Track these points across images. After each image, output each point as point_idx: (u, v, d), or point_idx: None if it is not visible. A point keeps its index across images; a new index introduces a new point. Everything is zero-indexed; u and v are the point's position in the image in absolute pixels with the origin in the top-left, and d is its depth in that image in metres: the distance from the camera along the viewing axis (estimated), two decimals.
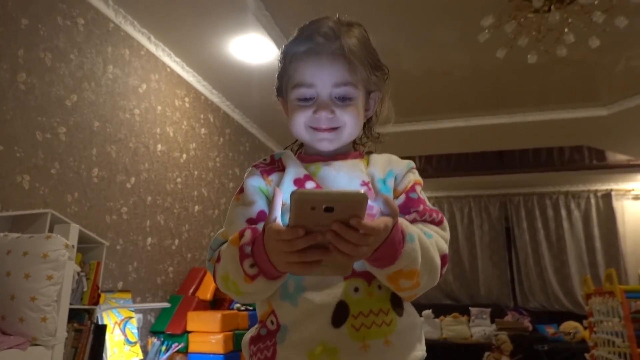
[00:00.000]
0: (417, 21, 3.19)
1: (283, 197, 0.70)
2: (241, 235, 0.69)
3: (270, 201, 0.77)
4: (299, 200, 0.56)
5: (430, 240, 0.71)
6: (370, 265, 0.68)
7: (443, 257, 0.73)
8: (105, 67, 2.89)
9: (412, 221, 0.75)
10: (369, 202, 0.66)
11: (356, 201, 0.56)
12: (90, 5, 2.78)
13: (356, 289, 0.71)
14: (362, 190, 0.74)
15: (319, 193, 0.59)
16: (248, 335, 0.79)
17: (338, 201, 0.56)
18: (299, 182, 0.78)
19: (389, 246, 0.63)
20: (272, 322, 0.75)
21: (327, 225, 0.57)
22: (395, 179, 0.81)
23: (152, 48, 3.33)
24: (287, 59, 0.82)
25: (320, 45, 0.77)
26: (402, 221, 0.68)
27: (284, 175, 0.80)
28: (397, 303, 0.74)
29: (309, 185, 0.78)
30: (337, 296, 0.70)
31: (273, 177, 0.81)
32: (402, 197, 0.79)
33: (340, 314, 0.70)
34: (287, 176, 0.79)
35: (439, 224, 0.77)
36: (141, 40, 3.22)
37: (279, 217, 0.63)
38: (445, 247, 0.74)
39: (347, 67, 0.78)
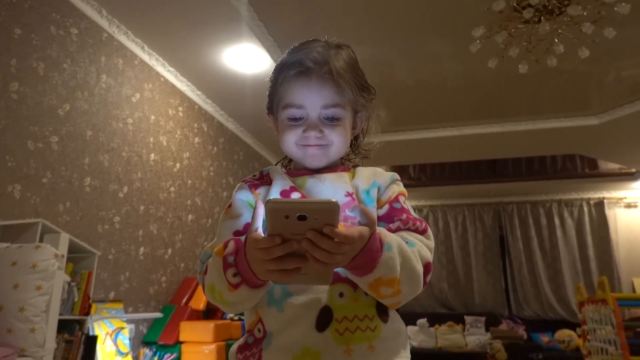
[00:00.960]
0: (410, 33, 3.22)
1: None
2: (225, 246, 0.71)
3: None
4: (272, 209, 0.58)
5: (412, 248, 0.72)
6: (350, 274, 0.70)
7: (426, 265, 0.74)
8: (99, 77, 2.90)
9: (396, 230, 0.77)
10: (350, 212, 0.67)
11: (328, 209, 0.58)
12: (83, 14, 2.79)
13: (341, 294, 0.73)
14: (339, 199, 0.76)
15: (291, 202, 0.61)
16: (236, 345, 0.81)
17: (310, 209, 0.58)
18: (284, 193, 0.81)
19: (367, 255, 0.65)
20: (259, 330, 0.76)
21: (304, 234, 0.59)
22: (379, 189, 0.83)
23: (145, 57, 3.34)
24: (278, 80, 0.85)
25: (309, 69, 0.81)
26: (382, 230, 0.70)
27: (270, 187, 0.83)
28: (382, 310, 0.75)
29: (294, 196, 0.80)
30: (322, 301, 0.72)
31: (260, 190, 0.83)
32: (386, 207, 0.81)
33: (324, 318, 0.71)
34: (273, 188, 0.82)
35: (422, 232, 0.78)
36: (135, 49, 3.23)
37: (260, 227, 0.65)
38: (428, 256, 0.75)
39: (336, 90, 0.81)
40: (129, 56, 3.18)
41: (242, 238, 0.70)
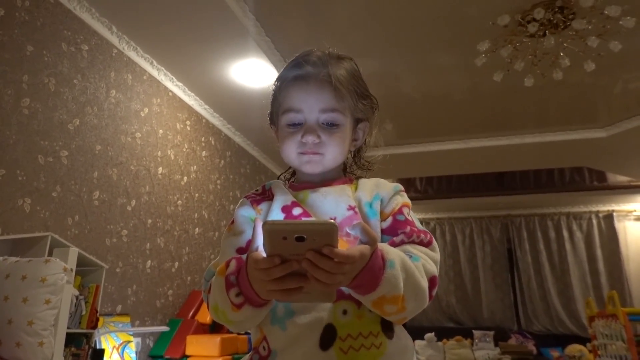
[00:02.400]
0: (416, 46, 3.24)
1: None
2: (227, 265, 0.71)
3: None
4: (269, 230, 0.57)
5: (417, 263, 0.71)
6: (353, 292, 0.69)
7: (432, 279, 0.73)
8: (108, 92, 2.94)
9: (400, 243, 0.76)
10: (350, 231, 0.67)
11: (325, 230, 0.57)
12: (94, 31, 2.85)
13: (345, 312, 0.72)
14: (341, 213, 0.76)
15: (288, 223, 0.60)
16: None
17: (308, 231, 0.57)
18: (286, 209, 0.80)
19: (369, 273, 0.64)
20: (264, 348, 0.76)
21: (304, 254, 0.58)
22: (382, 201, 0.81)
23: (154, 73, 3.38)
24: (278, 87, 0.86)
25: (308, 73, 0.81)
26: (384, 247, 0.68)
27: (272, 203, 0.82)
28: (387, 326, 0.74)
29: (296, 211, 0.79)
30: (325, 319, 0.71)
31: (262, 206, 0.83)
32: (390, 220, 0.79)
33: (327, 337, 0.70)
34: (275, 204, 0.81)
35: (427, 244, 0.77)
36: (144, 65, 3.28)
37: (261, 245, 0.64)
38: (433, 269, 0.74)
39: (334, 94, 0.80)
40: (138, 71, 3.23)
41: (244, 257, 0.70)
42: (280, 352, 0.73)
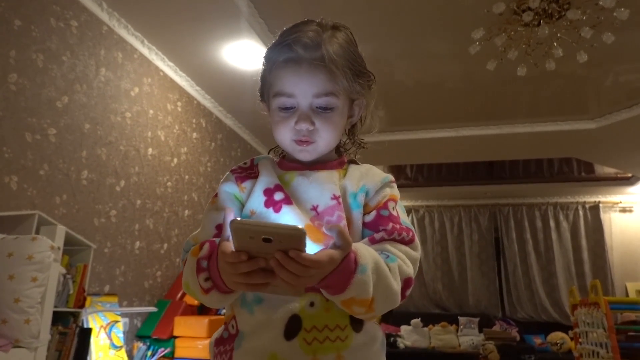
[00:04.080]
0: (410, 33, 3.23)
1: (252, 206, 0.76)
2: (201, 247, 0.71)
3: (242, 207, 0.80)
4: (236, 229, 0.58)
5: (392, 264, 0.70)
6: (322, 290, 0.68)
7: (406, 280, 0.72)
8: (98, 70, 2.89)
9: (380, 240, 0.74)
10: (327, 232, 0.66)
11: (292, 235, 0.57)
12: (84, 7, 2.79)
13: (312, 304, 0.71)
14: (325, 202, 0.75)
15: (256, 224, 0.59)
16: (214, 336, 0.81)
17: (274, 234, 0.57)
18: (268, 192, 0.78)
19: (338, 276, 0.64)
20: (232, 327, 0.77)
21: (271, 253, 0.59)
22: (367, 194, 0.79)
23: (145, 51, 3.33)
24: (268, 65, 0.82)
25: (300, 56, 0.76)
26: (359, 250, 0.67)
27: (255, 183, 0.80)
28: (356, 319, 0.73)
29: (278, 196, 0.77)
30: (291, 310, 0.71)
31: (247, 184, 0.81)
32: (373, 214, 0.78)
33: (292, 327, 0.71)
34: (258, 185, 0.80)
35: (408, 243, 0.75)
36: (134, 43, 3.22)
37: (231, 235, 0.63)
38: (409, 271, 0.72)
39: (328, 77, 0.76)
40: (128, 50, 3.18)
41: (217, 241, 0.69)
42: (247, 335, 0.73)
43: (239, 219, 0.59)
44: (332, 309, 0.71)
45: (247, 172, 0.83)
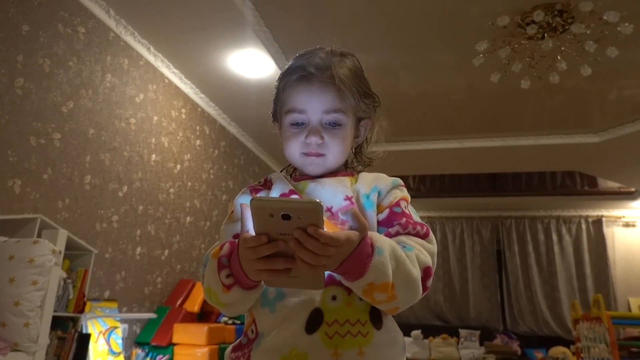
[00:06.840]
0: (414, 44, 3.24)
1: None
2: (221, 248, 0.73)
3: None
4: (256, 207, 0.59)
5: (409, 252, 0.71)
6: (342, 279, 0.69)
7: (426, 269, 0.73)
8: (104, 76, 2.91)
9: (395, 234, 0.76)
10: (342, 216, 0.67)
11: (310, 209, 0.58)
12: (91, 14, 2.82)
13: (334, 297, 0.73)
14: (338, 203, 0.77)
15: (274, 200, 0.62)
16: (231, 346, 0.82)
17: (293, 209, 0.58)
18: (283, 196, 0.82)
19: (356, 259, 0.65)
20: (252, 331, 0.78)
21: (292, 234, 0.60)
22: (379, 194, 0.83)
23: (151, 59, 3.36)
24: (281, 86, 0.87)
25: (311, 74, 0.82)
26: (374, 235, 0.69)
27: (270, 192, 0.85)
28: (376, 316, 0.74)
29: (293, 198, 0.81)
30: (314, 303, 0.72)
31: (262, 194, 0.85)
32: (386, 212, 0.80)
33: (314, 320, 0.71)
34: (272, 192, 0.84)
35: (424, 236, 0.77)
36: (141, 50, 3.25)
37: (251, 229, 0.65)
38: (427, 260, 0.74)
39: (337, 95, 0.82)
40: (134, 57, 3.21)
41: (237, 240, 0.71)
42: (267, 333, 0.74)
43: (257, 196, 0.60)
44: (353, 304, 0.73)
45: (262, 187, 0.88)
